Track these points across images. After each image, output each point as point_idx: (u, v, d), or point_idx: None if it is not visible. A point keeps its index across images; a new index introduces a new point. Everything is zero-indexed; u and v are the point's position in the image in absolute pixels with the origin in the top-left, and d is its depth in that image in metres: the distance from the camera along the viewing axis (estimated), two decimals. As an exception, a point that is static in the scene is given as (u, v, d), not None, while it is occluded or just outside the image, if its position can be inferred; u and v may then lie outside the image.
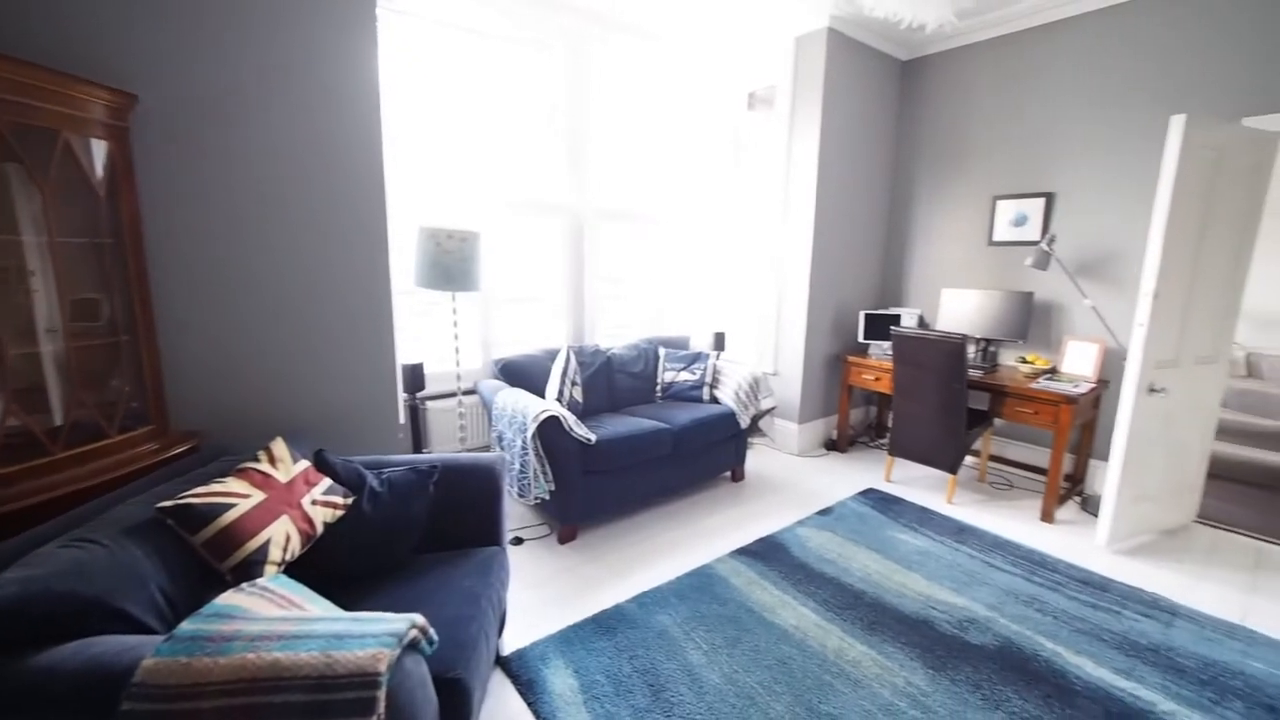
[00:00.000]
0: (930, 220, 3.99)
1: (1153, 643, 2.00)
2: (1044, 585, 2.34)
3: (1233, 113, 2.77)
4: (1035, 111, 3.43)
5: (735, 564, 2.45)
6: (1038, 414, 2.96)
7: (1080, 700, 1.74)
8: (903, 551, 2.57)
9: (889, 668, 1.85)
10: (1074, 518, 3.00)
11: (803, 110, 3.62)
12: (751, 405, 3.23)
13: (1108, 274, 3.21)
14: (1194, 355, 2.72)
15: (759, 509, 3.01)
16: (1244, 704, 1.73)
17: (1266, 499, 3.33)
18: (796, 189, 3.71)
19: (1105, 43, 3.13)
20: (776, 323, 3.90)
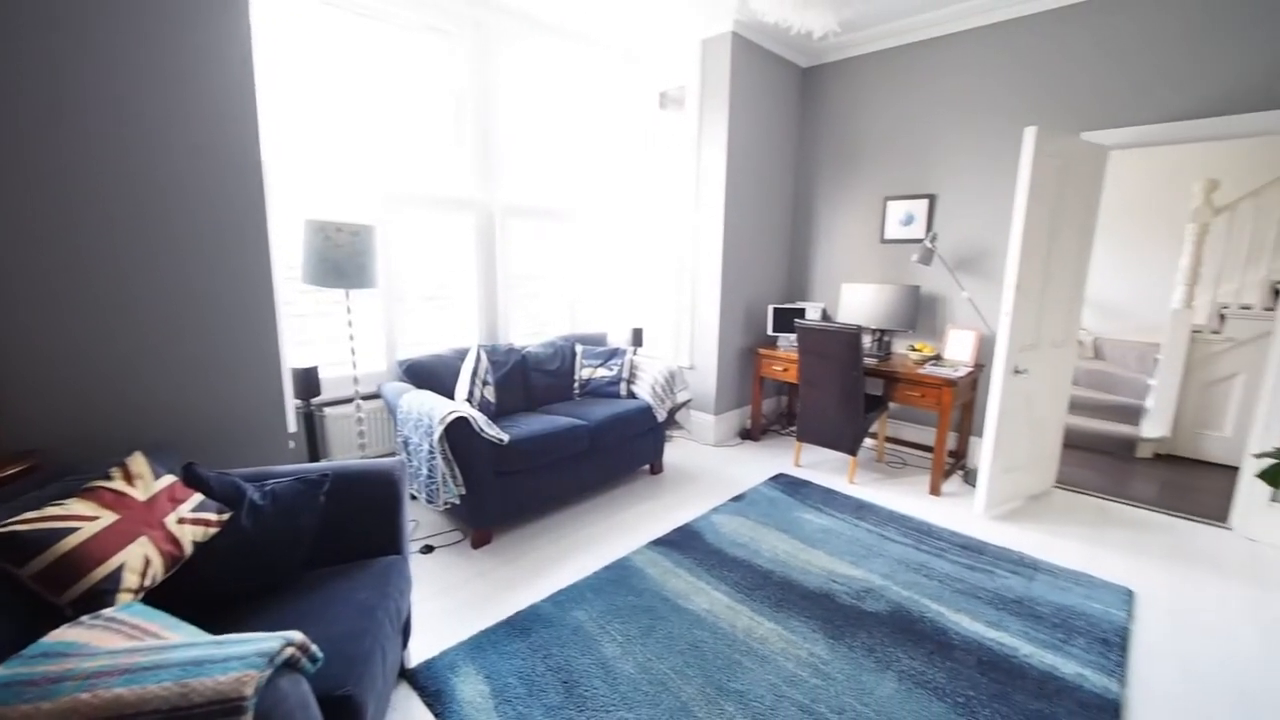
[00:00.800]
0: (830, 219, 4.23)
1: (1017, 596, 2.24)
2: (930, 553, 2.55)
3: (1074, 127, 3.15)
4: (920, 119, 3.73)
5: (652, 554, 2.49)
6: (924, 397, 3.23)
7: (958, 653, 1.92)
8: (808, 531, 2.72)
9: (793, 641, 1.95)
10: (958, 490, 3.30)
11: (711, 111, 3.73)
12: (668, 399, 3.29)
13: (981, 269, 3.55)
14: (1050, 340, 3.07)
15: (676, 499, 3.07)
16: (1085, 640, 1.98)
17: (1109, 463, 3.84)
18: (707, 188, 3.81)
19: (976, 60, 3.45)
20: (692, 318, 3.99)
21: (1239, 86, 2.71)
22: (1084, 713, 1.68)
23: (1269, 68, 2.64)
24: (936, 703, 1.70)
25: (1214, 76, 2.76)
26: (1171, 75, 2.87)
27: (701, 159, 3.81)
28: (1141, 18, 2.92)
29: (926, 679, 1.80)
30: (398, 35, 2.97)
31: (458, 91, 3.21)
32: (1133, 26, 2.94)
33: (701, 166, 3.82)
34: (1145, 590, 2.33)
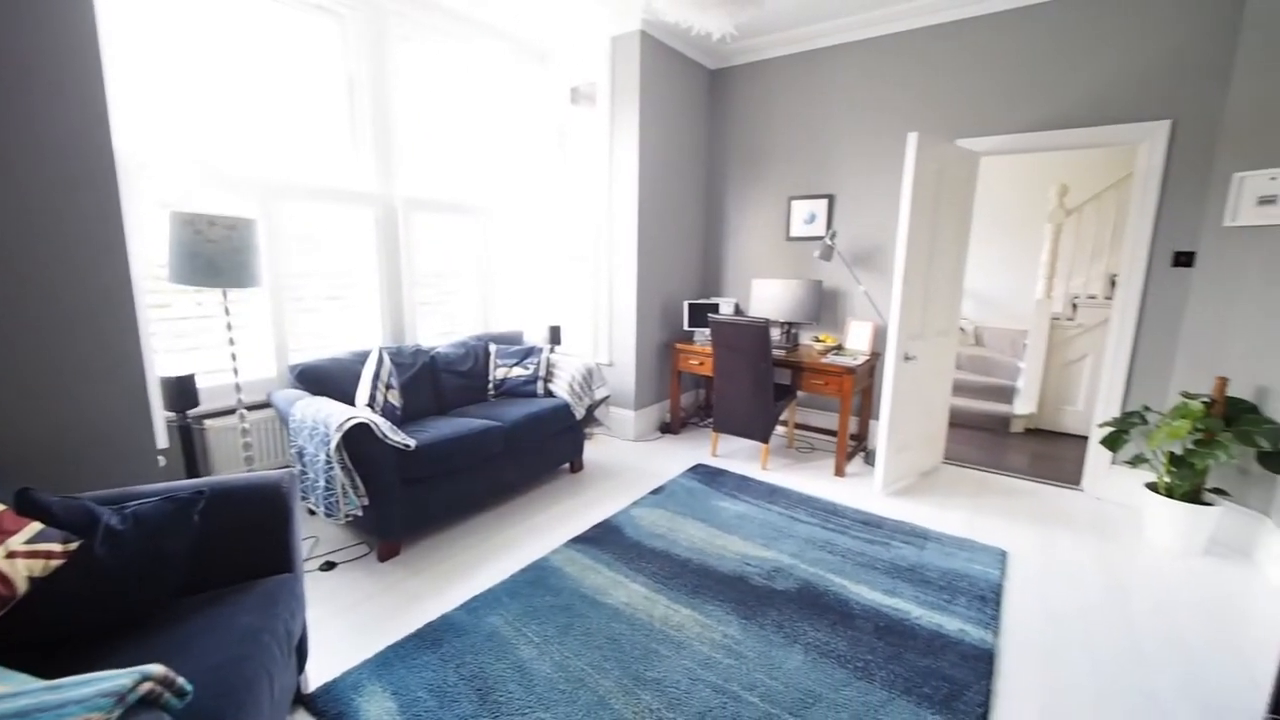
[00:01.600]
0: (740, 217, 4.39)
1: (910, 564, 2.43)
2: (835, 530, 2.72)
3: (951, 134, 3.46)
4: (820, 123, 3.94)
5: (571, 553, 2.47)
6: (828, 384, 3.43)
7: (858, 621, 2.05)
8: (724, 518, 2.81)
9: (708, 625, 2.01)
10: (860, 470, 3.54)
11: (622, 109, 3.75)
12: (586, 396, 3.28)
13: (875, 264, 3.82)
14: (935, 329, 3.36)
15: (596, 496, 3.07)
16: (966, 598, 2.19)
17: (988, 439, 4.26)
18: (620, 184, 3.83)
19: (867, 69, 3.70)
20: (609, 315, 4.00)
21: (1081, 103, 3.09)
22: (964, 664, 1.85)
23: (1103, 88, 3.03)
24: (839, 670, 1.81)
25: (1063, 94, 3.13)
26: (1029, 91, 3.22)
27: (614, 156, 3.83)
28: (1005, 39, 3.25)
29: (830, 648, 1.91)
30: (282, 13, 2.74)
31: (352, 78, 3.02)
32: (997, 46, 3.27)
33: (614, 163, 3.83)
34: (1016, 550, 2.61)
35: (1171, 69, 2.86)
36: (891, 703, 1.68)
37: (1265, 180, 2.58)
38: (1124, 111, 3.00)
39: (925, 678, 1.78)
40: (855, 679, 1.77)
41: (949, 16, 3.36)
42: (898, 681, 1.76)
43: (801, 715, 1.63)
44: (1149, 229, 2.99)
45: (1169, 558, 2.58)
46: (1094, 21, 3.01)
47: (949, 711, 1.65)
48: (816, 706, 1.66)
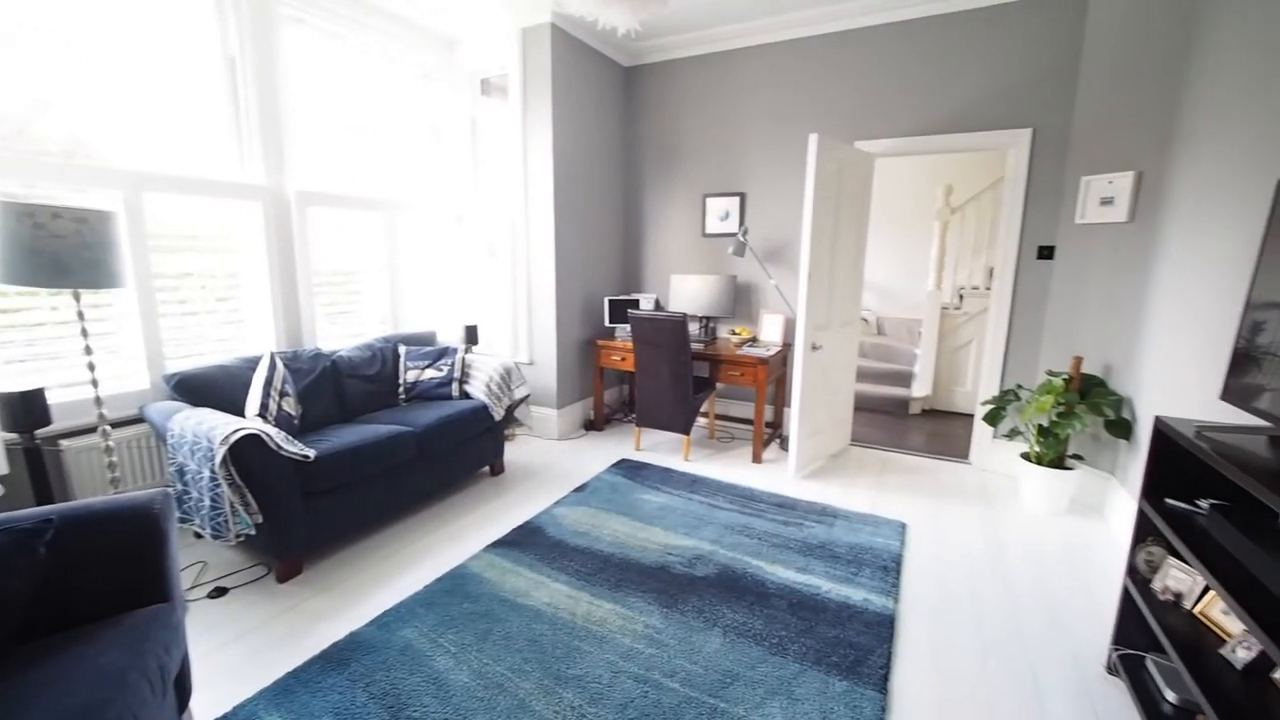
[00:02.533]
0: (658, 214, 4.45)
1: (821, 541, 2.57)
2: (753, 514, 2.83)
3: (849, 136, 3.68)
4: (731, 122, 4.07)
5: (491, 557, 2.41)
6: (743, 375, 3.55)
7: (773, 600, 2.14)
8: (647, 510, 2.84)
9: (630, 617, 2.03)
10: (776, 456, 3.69)
11: (535, 102, 3.68)
12: (505, 396, 3.20)
13: (784, 259, 3.99)
14: (839, 319, 3.56)
15: (518, 498, 3.01)
16: (871, 570, 2.35)
17: (890, 421, 4.58)
18: (535, 179, 3.76)
19: (774, 72, 3.85)
20: (528, 312, 3.93)
21: (960, 110, 3.38)
22: (869, 630, 1.98)
23: (978, 98, 3.33)
24: (755, 648, 1.89)
25: (945, 102, 3.41)
26: (917, 98, 3.48)
27: (528, 150, 3.75)
28: (895, 49, 3.49)
29: (748, 628, 1.98)
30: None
31: (234, 61, 2.76)
32: (889, 56, 3.51)
33: (529, 157, 3.76)
34: (914, 521, 2.82)
35: (1031, 84, 3.19)
36: (803, 674, 1.77)
37: (1104, 183, 2.94)
38: (995, 119, 3.32)
39: (834, 647, 1.89)
40: (770, 655, 1.85)
41: (845, 25, 3.57)
42: (809, 653, 1.86)
43: (720, 696, 1.68)
44: (1018, 225, 3.33)
45: (1039, 518, 2.90)
46: (969, 38, 3.30)
47: (855, 676, 1.76)
48: (734, 685, 1.72)
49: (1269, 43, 2.02)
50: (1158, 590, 1.69)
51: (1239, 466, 1.29)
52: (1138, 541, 1.80)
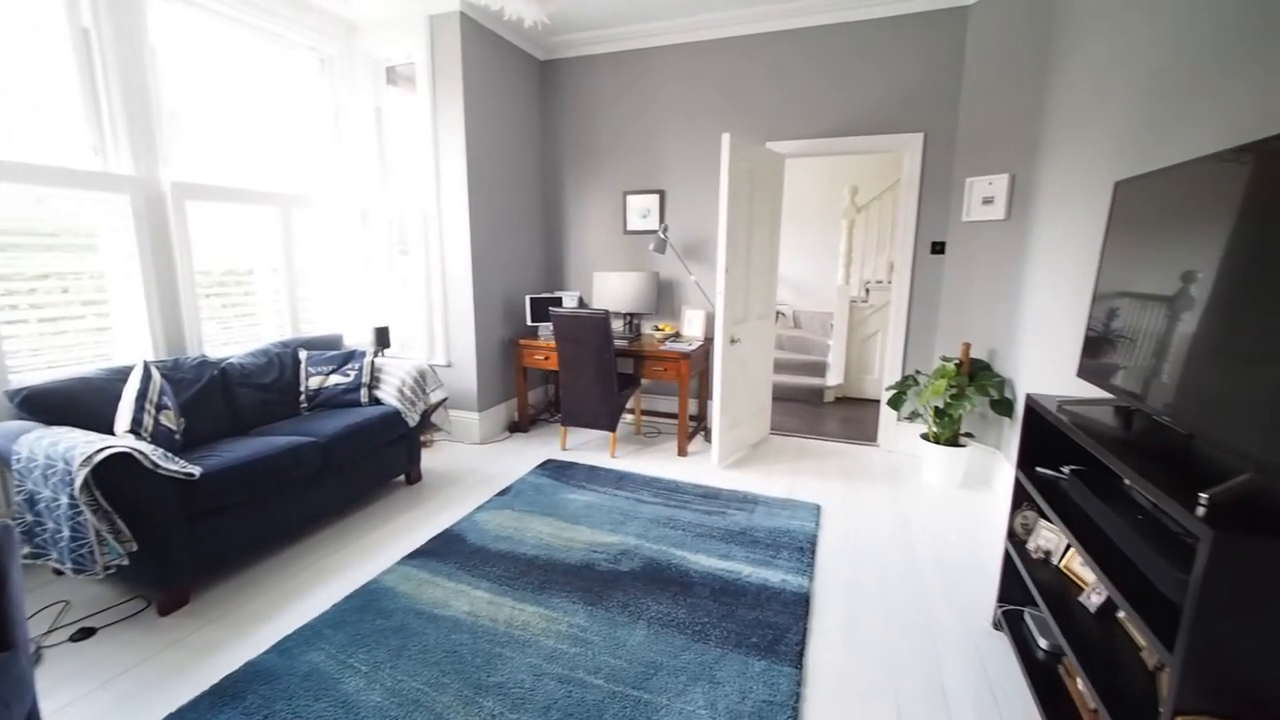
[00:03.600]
0: (579, 211, 4.41)
1: (742, 528, 2.66)
2: (677, 506, 2.87)
3: (762, 137, 3.81)
4: (648, 120, 4.10)
5: (407, 570, 2.29)
6: (667, 370, 3.60)
7: (697, 588, 2.19)
8: (572, 510, 2.82)
9: (554, 618, 2.00)
10: (701, 448, 3.77)
11: (446, 93, 3.54)
12: (420, 401, 3.06)
13: (703, 255, 4.08)
14: (756, 313, 3.69)
15: (437, 505, 2.89)
16: (788, 551, 2.45)
17: (806, 409, 4.81)
18: (448, 174, 3.62)
19: (689, 71, 3.92)
20: (444, 312, 3.78)
21: (862, 114, 3.59)
22: (786, 610, 2.07)
23: (877, 103, 3.54)
24: (679, 636, 1.92)
25: (848, 106, 3.61)
26: (822, 102, 3.66)
27: (440, 143, 3.61)
28: (802, 54, 3.65)
29: (672, 618, 2.01)
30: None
31: (89, 36, 2.45)
32: (796, 60, 3.67)
33: (440, 151, 3.61)
34: (828, 503, 2.97)
35: (922, 91, 3.44)
36: (725, 658, 1.82)
37: (986, 184, 3.23)
38: (891, 124, 3.55)
39: (753, 629, 1.96)
40: (693, 642, 1.89)
41: (752, 30, 3.69)
42: (730, 637, 1.91)
43: (643, 687, 1.69)
44: (913, 223, 3.58)
45: (938, 492, 3.14)
46: (867, 47, 3.51)
47: (773, 655, 1.83)
48: (658, 676, 1.74)
49: (1101, 68, 2.29)
50: (1031, 550, 1.87)
51: (1089, 435, 1.45)
52: (1015, 507, 1.99)
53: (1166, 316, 1.39)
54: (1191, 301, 1.30)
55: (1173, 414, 1.30)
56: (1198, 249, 1.31)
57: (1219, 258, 1.23)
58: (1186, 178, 1.41)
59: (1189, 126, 1.76)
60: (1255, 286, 1.12)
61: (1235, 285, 1.17)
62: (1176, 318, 1.34)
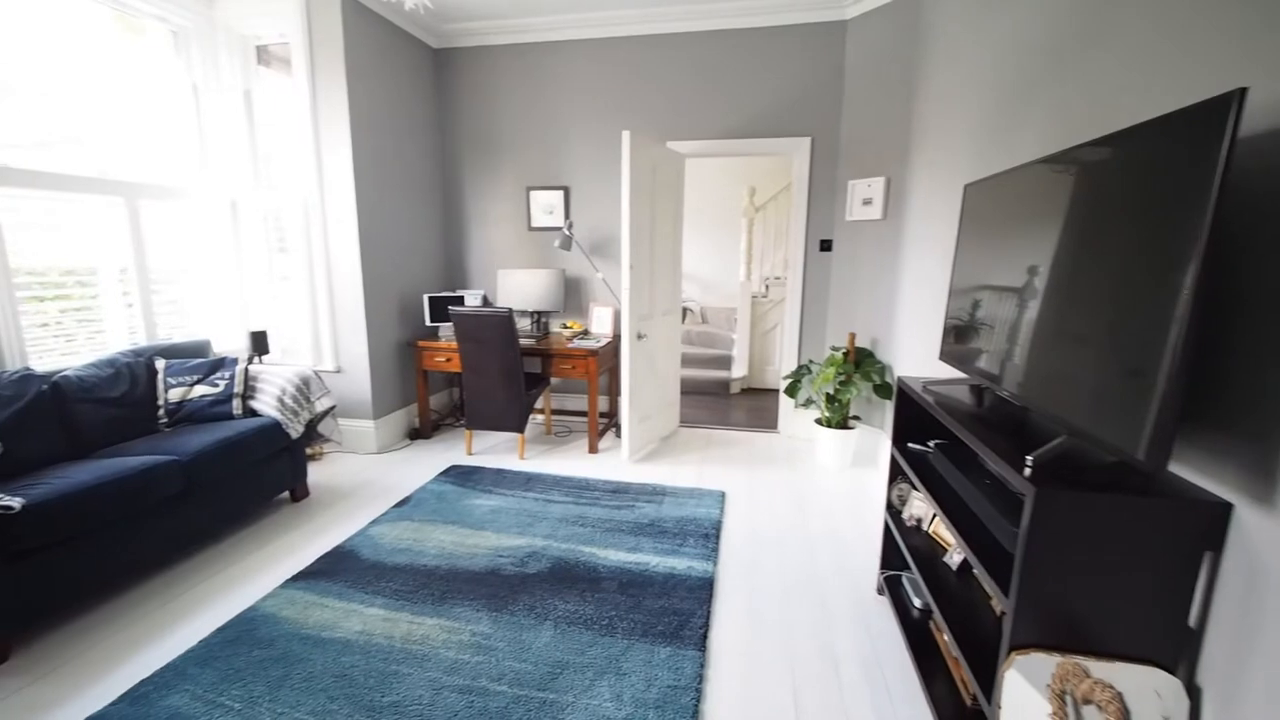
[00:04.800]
0: (481, 206, 4.27)
1: (650, 520, 2.70)
2: (587, 504, 2.86)
3: (663, 136, 3.87)
4: (551, 115, 4.03)
5: (290, 593, 2.11)
6: (575, 368, 3.57)
7: (605, 583, 2.19)
8: (477, 515, 2.72)
9: (455, 629, 1.92)
10: (612, 444, 3.79)
11: (326, 77, 3.27)
12: (304, 410, 2.82)
13: (609, 252, 4.09)
14: (661, 309, 3.76)
15: (326, 522, 2.68)
16: (695, 539, 2.52)
17: (714, 401, 4.98)
18: (333, 166, 3.36)
19: (592, 67, 3.90)
20: (331, 314, 3.51)
21: (756, 117, 3.75)
22: (691, 595, 2.12)
23: (769, 107, 3.72)
24: (586, 632, 1.91)
25: (743, 108, 3.75)
26: (719, 103, 3.78)
27: (322, 131, 3.34)
28: (699, 55, 3.74)
29: (580, 616, 2.00)
30: None
31: None
32: (695, 61, 3.76)
33: (323, 140, 3.34)
34: (732, 489, 3.09)
35: (809, 98, 3.66)
36: (631, 649, 1.83)
37: (865, 186, 3.49)
38: (781, 128, 3.74)
39: (660, 617, 1.99)
40: (600, 637, 1.89)
41: (650, 30, 3.75)
42: (636, 628, 1.93)
43: (549, 688, 1.66)
44: (804, 222, 3.81)
45: (831, 473, 3.36)
46: (759, 52, 3.67)
47: (678, 640, 1.87)
48: (564, 674, 1.72)
49: (956, 79, 2.56)
50: (906, 519, 2.05)
51: (947, 412, 1.61)
52: (892, 481, 2.17)
53: (1001, 305, 1.57)
54: (1019, 292, 1.48)
55: (1009, 389, 1.47)
56: (1023, 246, 1.49)
57: (1042, 253, 1.40)
58: (1012, 182, 1.60)
59: (1024, 133, 2.00)
60: (1067, 278, 1.30)
61: (1053, 277, 1.34)
62: (1009, 306, 1.52)
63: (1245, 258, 1.04)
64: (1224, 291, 1.07)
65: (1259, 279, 1.01)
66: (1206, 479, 1.10)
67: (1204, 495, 1.07)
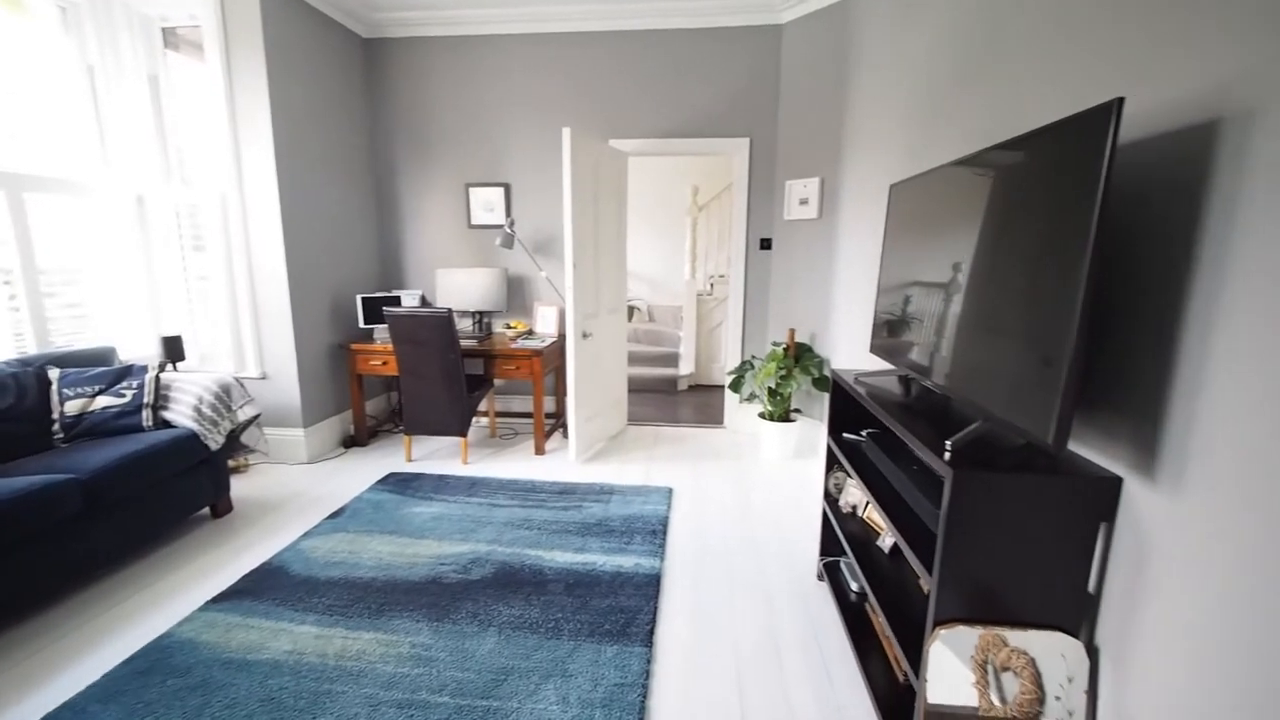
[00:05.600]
0: (417, 204, 4.12)
1: (598, 519, 2.68)
2: (534, 506, 2.82)
3: (606, 134, 3.86)
4: (490, 110, 3.94)
5: (210, 616, 1.96)
6: (519, 369, 3.51)
7: (550, 585, 2.16)
8: (417, 523, 2.63)
9: (394, 641, 1.85)
10: (559, 445, 3.75)
11: (244, 64, 3.07)
12: (224, 420, 2.64)
13: (553, 251, 4.05)
14: (607, 307, 3.75)
15: (253, 538, 2.52)
16: (642, 536, 2.53)
17: (662, 399, 5.02)
18: (253, 160, 3.15)
19: (532, 62, 3.83)
20: (254, 317, 3.30)
21: (697, 117, 3.79)
22: (638, 592, 2.13)
23: (710, 107, 3.77)
24: (532, 636, 1.88)
25: (685, 108, 3.79)
26: (661, 102, 3.80)
27: (240, 122, 3.13)
28: (641, 54, 3.75)
29: (525, 620, 1.96)
30: None
31: None
32: (637, 60, 3.76)
33: (241, 132, 3.13)
34: (679, 485, 3.12)
35: (747, 99, 3.74)
36: (578, 649, 1.82)
37: (801, 187, 3.60)
38: (722, 128, 3.80)
39: (606, 616, 1.98)
40: (546, 640, 1.86)
41: (590, 27, 3.72)
42: (583, 629, 1.92)
43: (492, 695, 1.63)
44: (744, 221, 3.89)
45: (774, 465, 3.45)
46: (699, 54, 3.71)
47: (624, 638, 1.87)
48: (508, 680, 1.68)
49: (883, 82, 2.68)
50: (843, 506, 2.13)
51: (876, 402, 1.69)
52: (829, 470, 2.25)
53: (924, 301, 1.66)
54: (941, 288, 1.56)
55: (933, 380, 1.55)
56: (941, 244, 1.58)
57: (959, 251, 1.49)
58: (931, 183, 1.69)
59: (944, 136, 2.12)
60: (981, 274, 1.38)
61: (970, 274, 1.43)
62: (930, 302, 1.61)
63: (1130, 252, 1.14)
64: (1112, 283, 1.17)
65: (1137, 272, 1.11)
66: (1101, 456, 1.20)
67: (1098, 471, 1.16)
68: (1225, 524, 0.93)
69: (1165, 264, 1.05)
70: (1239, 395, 0.91)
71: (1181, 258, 1.02)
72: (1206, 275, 0.98)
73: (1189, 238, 1.01)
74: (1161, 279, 1.06)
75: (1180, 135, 1.04)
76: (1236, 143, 0.94)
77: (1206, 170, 0.98)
